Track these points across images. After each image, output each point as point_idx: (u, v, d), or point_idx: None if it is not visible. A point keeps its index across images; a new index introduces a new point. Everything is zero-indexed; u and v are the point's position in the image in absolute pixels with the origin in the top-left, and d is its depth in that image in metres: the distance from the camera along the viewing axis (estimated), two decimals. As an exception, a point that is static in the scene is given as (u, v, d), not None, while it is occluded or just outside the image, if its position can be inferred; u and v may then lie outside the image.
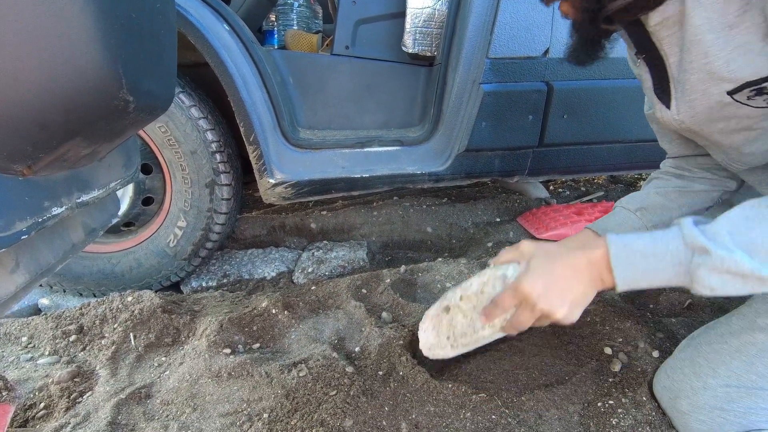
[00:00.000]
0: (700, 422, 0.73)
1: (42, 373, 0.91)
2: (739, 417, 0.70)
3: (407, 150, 1.52)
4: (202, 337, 0.98)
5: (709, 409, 0.72)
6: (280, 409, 0.79)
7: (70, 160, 0.61)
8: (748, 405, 0.69)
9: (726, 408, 0.70)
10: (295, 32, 1.80)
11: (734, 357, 0.72)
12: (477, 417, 0.79)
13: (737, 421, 0.70)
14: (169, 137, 1.24)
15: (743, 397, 0.69)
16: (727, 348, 0.73)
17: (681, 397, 0.76)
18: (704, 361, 0.75)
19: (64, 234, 0.71)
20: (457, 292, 0.79)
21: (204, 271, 1.50)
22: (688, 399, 0.74)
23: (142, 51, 0.57)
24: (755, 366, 0.70)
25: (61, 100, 0.48)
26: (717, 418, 0.71)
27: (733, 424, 0.70)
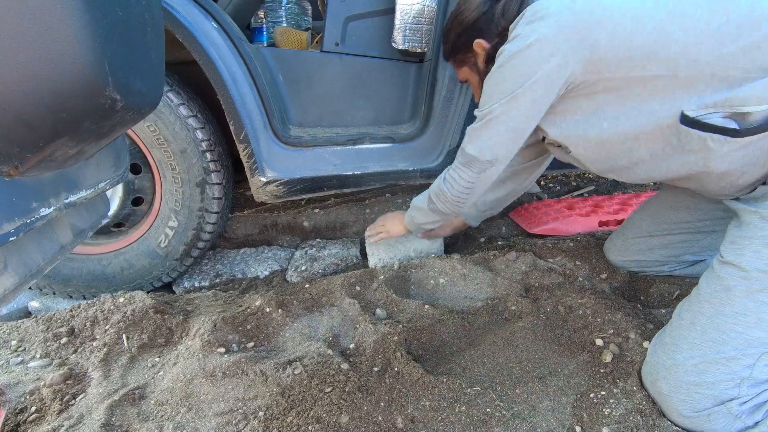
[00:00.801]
0: (681, 402, 0.75)
1: (33, 377, 0.90)
2: (711, 388, 0.73)
3: (399, 147, 1.52)
4: (195, 337, 0.97)
5: (685, 386, 0.75)
6: (275, 407, 0.79)
7: (57, 160, 0.60)
8: (715, 374, 0.73)
9: (698, 381, 0.74)
10: (284, 29, 1.79)
11: (690, 329, 0.78)
12: (472, 410, 0.79)
13: (710, 393, 0.73)
14: (158, 136, 1.22)
15: (709, 366, 0.74)
16: (684, 323, 0.80)
17: (659, 379, 0.79)
18: (669, 339, 0.81)
19: (52, 235, 0.70)
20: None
21: (196, 271, 1.49)
22: (665, 380, 0.78)
23: (129, 48, 0.56)
24: (708, 333, 0.75)
25: (46, 98, 0.47)
26: (694, 394, 0.74)
27: (708, 397, 0.74)
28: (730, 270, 0.77)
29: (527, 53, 0.85)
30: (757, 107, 0.71)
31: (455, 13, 1.08)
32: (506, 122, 0.93)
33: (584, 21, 0.81)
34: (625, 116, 0.84)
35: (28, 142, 0.50)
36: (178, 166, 1.26)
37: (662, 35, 0.77)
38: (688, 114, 0.77)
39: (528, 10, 0.90)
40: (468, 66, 1.14)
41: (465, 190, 1.07)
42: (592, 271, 1.27)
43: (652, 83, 0.80)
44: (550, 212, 1.69)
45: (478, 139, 0.99)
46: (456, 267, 1.26)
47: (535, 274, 1.23)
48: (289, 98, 1.47)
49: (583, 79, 0.85)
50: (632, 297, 1.20)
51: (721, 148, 0.77)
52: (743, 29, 0.72)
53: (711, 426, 0.74)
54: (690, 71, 0.76)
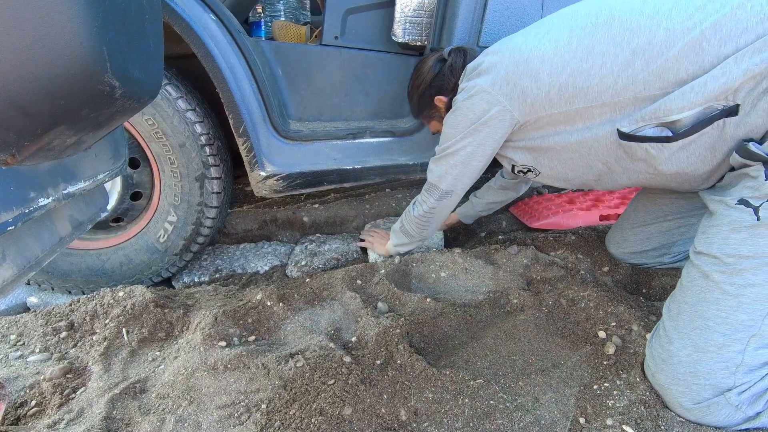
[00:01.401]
0: (681, 393, 0.76)
1: (33, 371, 0.89)
2: (707, 378, 0.74)
3: (399, 141, 1.51)
4: (196, 331, 0.97)
5: (682, 377, 0.76)
6: (278, 400, 0.78)
7: (55, 150, 0.59)
8: (709, 363, 0.74)
9: (694, 371, 0.75)
10: (282, 23, 1.78)
11: (677, 320, 0.79)
12: (475, 402, 0.79)
13: (707, 383, 0.74)
14: (157, 130, 1.21)
15: (702, 356, 0.74)
16: (672, 314, 0.81)
17: (658, 372, 0.80)
18: (663, 332, 0.82)
19: (51, 227, 0.69)
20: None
21: (196, 267, 1.48)
22: (662, 372, 0.79)
23: (127, 35, 0.55)
24: (695, 322, 0.76)
25: (44, 84, 0.46)
26: (692, 385, 0.75)
27: (706, 388, 0.74)
28: (704, 259, 0.78)
29: (471, 102, 1.01)
30: (680, 114, 0.77)
31: (413, 79, 1.26)
32: (459, 158, 1.09)
33: (512, 73, 0.95)
34: (574, 138, 0.95)
35: (26, 130, 0.49)
36: (177, 161, 1.25)
37: (581, 74, 0.87)
38: (623, 130, 0.86)
39: (469, 67, 1.07)
40: (435, 119, 1.30)
41: (426, 214, 1.23)
42: (594, 264, 1.26)
43: (585, 112, 0.90)
44: (551, 207, 1.69)
45: (437, 170, 1.15)
46: (457, 261, 1.26)
47: (536, 268, 1.23)
48: (289, 92, 1.45)
49: (525, 119, 0.99)
50: (634, 290, 1.20)
51: (662, 153, 0.85)
52: (649, 56, 0.80)
53: (713, 417, 0.74)
54: (614, 99, 0.85)
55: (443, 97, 1.19)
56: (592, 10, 0.89)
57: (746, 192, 0.74)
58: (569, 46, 0.88)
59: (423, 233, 1.28)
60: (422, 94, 1.24)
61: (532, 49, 0.94)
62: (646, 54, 0.80)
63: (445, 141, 1.11)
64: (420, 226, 1.26)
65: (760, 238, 0.70)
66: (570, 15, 0.93)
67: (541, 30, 0.96)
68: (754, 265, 0.71)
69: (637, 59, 0.81)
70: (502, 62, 0.98)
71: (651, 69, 0.80)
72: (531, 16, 1.34)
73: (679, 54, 0.77)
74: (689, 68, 0.76)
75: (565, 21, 0.93)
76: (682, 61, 0.77)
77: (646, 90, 0.81)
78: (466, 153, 1.08)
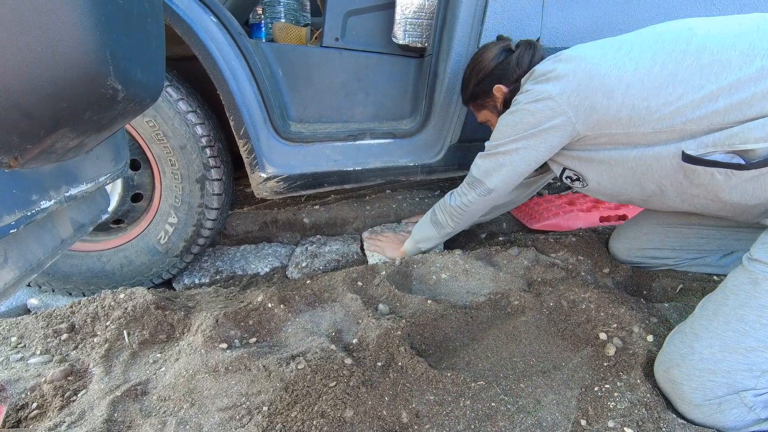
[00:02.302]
0: (693, 390, 0.75)
1: (34, 373, 0.89)
2: (725, 377, 0.73)
3: (399, 142, 1.51)
4: (197, 333, 0.97)
5: (698, 373, 0.75)
6: (279, 402, 0.78)
7: (57, 152, 0.59)
8: (731, 363, 0.73)
9: (713, 369, 0.74)
10: (282, 25, 1.78)
11: (712, 319, 0.78)
12: (476, 404, 0.79)
13: (724, 382, 0.73)
14: (158, 132, 1.21)
15: (727, 355, 0.74)
16: (707, 313, 0.80)
17: (672, 367, 0.79)
18: (689, 329, 0.81)
19: (53, 229, 0.69)
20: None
21: (196, 268, 1.48)
22: (678, 367, 0.78)
23: (130, 38, 0.55)
24: (731, 324, 0.75)
25: (46, 87, 0.46)
26: (707, 382, 0.74)
27: (721, 386, 0.74)
28: (758, 266, 0.77)
29: (535, 107, 1.00)
30: (757, 144, 0.76)
31: (473, 63, 1.23)
32: (509, 158, 1.08)
33: (584, 86, 0.93)
34: (633, 154, 0.93)
35: (29, 132, 0.49)
36: (178, 162, 1.25)
37: (658, 99, 0.85)
38: (689, 153, 0.84)
39: (537, 69, 1.04)
40: (488, 109, 1.27)
41: (463, 206, 1.23)
42: (594, 265, 1.26)
43: (651, 136, 0.88)
44: (551, 208, 1.69)
45: (484, 166, 1.15)
46: (458, 262, 1.26)
47: (537, 269, 1.23)
48: (289, 94, 1.46)
49: (586, 134, 0.97)
50: (635, 291, 1.20)
51: (729, 180, 0.82)
52: (734, 92, 0.78)
53: (722, 417, 0.73)
54: (686, 126, 0.83)
55: (504, 87, 1.17)
56: (681, 35, 0.86)
57: None
58: (651, 69, 0.86)
59: (455, 225, 1.28)
60: (481, 81, 1.21)
61: (611, 66, 0.91)
62: (732, 89, 0.78)
63: (499, 138, 1.10)
64: (454, 217, 1.26)
65: None
66: (656, 36, 0.90)
67: (623, 47, 0.93)
68: None
69: (722, 94, 0.79)
70: (575, 73, 0.94)
71: (733, 102, 0.78)
72: (531, 18, 1.35)
73: (766, 91, 0.76)
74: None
75: (649, 42, 0.90)
76: (760, 102, 0.76)
77: (724, 122, 0.79)
78: (518, 156, 1.07)
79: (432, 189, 2.02)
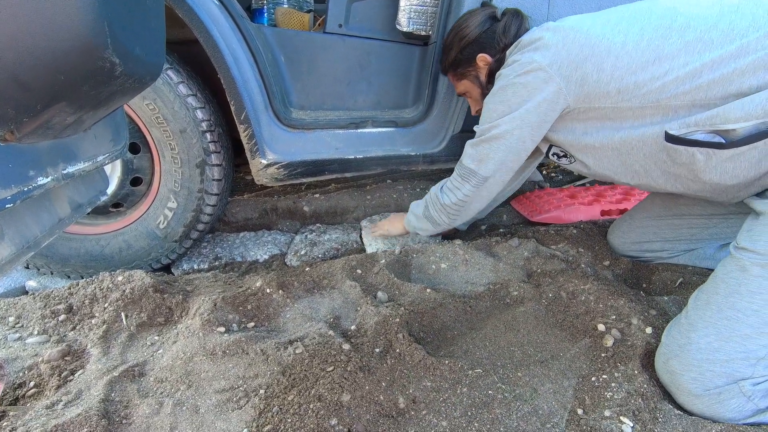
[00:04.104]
0: (692, 380, 0.75)
1: (31, 353, 0.89)
2: (723, 366, 0.74)
3: (401, 131, 1.50)
4: (195, 316, 0.96)
5: (697, 363, 0.76)
6: (276, 386, 0.78)
7: (55, 128, 0.58)
8: (729, 352, 0.74)
9: (711, 358, 0.75)
10: (285, 10, 1.75)
11: (705, 309, 0.79)
12: (474, 392, 0.79)
13: (723, 371, 0.74)
14: (157, 115, 1.20)
15: (723, 344, 0.75)
16: (700, 303, 0.81)
17: (671, 358, 0.80)
18: (685, 320, 0.82)
19: (50, 208, 0.69)
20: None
21: (195, 254, 1.48)
22: (677, 358, 0.79)
23: (129, 12, 0.54)
24: (724, 312, 0.76)
25: (44, 58, 0.46)
26: (706, 372, 0.75)
27: (720, 375, 0.74)
28: (745, 254, 0.78)
29: (526, 79, 0.96)
30: (737, 124, 0.77)
31: (456, 29, 1.17)
32: (505, 141, 1.02)
33: (575, 55, 0.91)
34: (618, 135, 0.93)
35: (25, 105, 0.49)
36: (178, 146, 1.24)
37: (645, 73, 0.86)
38: (672, 133, 0.85)
39: (524, 39, 1.01)
40: (469, 79, 1.21)
41: (459, 202, 1.14)
42: (594, 257, 1.26)
43: (638, 111, 0.89)
44: (552, 201, 1.68)
45: (476, 153, 1.07)
46: (458, 252, 1.26)
47: (537, 260, 1.23)
48: (291, 80, 1.44)
49: (576, 106, 0.95)
50: (634, 284, 1.20)
51: (709, 161, 0.84)
52: (717, 68, 0.80)
53: (720, 407, 0.73)
54: (671, 102, 0.84)
55: (488, 57, 1.12)
56: (667, 13, 0.88)
57: None
58: (639, 44, 0.87)
59: (452, 222, 1.21)
60: (464, 48, 1.16)
61: (601, 36, 0.90)
62: (714, 66, 0.80)
63: (490, 120, 1.03)
64: (450, 215, 1.18)
65: None
66: (642, 12, 0.91)
67: (610, 19, 0.93)
68: None
69: (705, 70, 0.81)
70: (565, 42, 0.93)
71: (715, 78, 0.80)
72: (538, 7, 1.33)
73: (746, 67, 0.77)
74: (753, 83, 0.77)
75: (636, 16, 0.91)
76: (748, 75, 0.77)
77: (707, 98, 0.81)
78: (513, 136, 1.01)
79: (433, 180, 2.01)
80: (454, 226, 1.24)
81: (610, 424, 0.72)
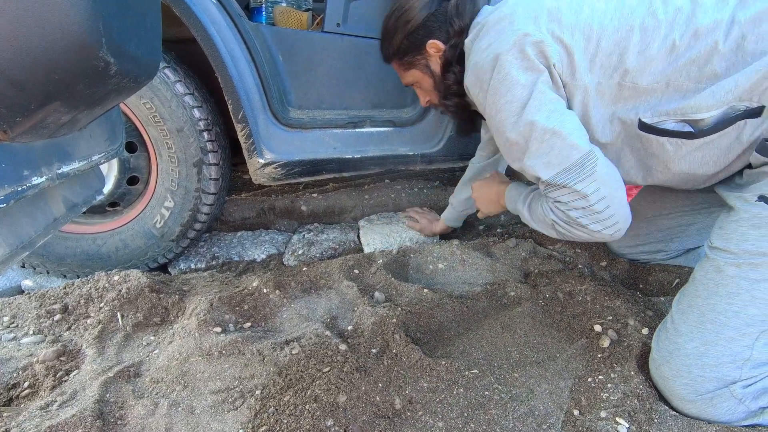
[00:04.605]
0: (684, 386, 0.76)
1: (26, 353, 0.89)
2: (713, 371, 0.74)
3: (399, 131, 1.50)
4: (191, 316, 0.96)
5: (687, 369, 0.76)
6: (272, 386, 0.78)
7: (49, 128, 0.58)
8: (716, 356, 0.74)
9: (700, 364, 0.75)
10: (284, 9, 1.75)
11: (688, 313, 0.79)
12: (470, 393, 0.79)
13: (713, 376, 0.74)
14: (154, 114, 1.20)
15: (710, 348, 0.74)
16: (682, 307, 0.81)
17: (662, 364, 0.80)
18: (671, 325, 0.82)
19: (45, 207, 0.68)
20: None
21: (192, 253, 1.47)
22: (667, 364, 0.79)
23: (124, 11, 0.54)
24: (706, 315, 0.76)
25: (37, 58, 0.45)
26: (696, 377, 0.75)
27: (710, 380, 0.74)
28: (719, 254, 0.77)
29: (514, 55, 0.81)
30: (707, 114, 0.75)
31: (397, 12, 1.01)
32: (541, 130, 0.81)
33: (558, 24, 0.82)
34: (594, 119, 0.86)
35: (19, 104, 0.48)
36: (175, 146, 1.24)
37: (625, 43, 0.80)
38: (645, 121, 0.81)
39: (489, 19, 0.89)
40: (418, 68, 1.07)
41: (584, 222, 0.85)
42: (591, 258, 1.26)
43: (616, 90, 0.82)
44: (550, 201, 1.68)
45: (535, 162, 0.83)
46: (455, 252, 1.26)
47: (534, 261, 1.23)
48: (289, 79, 1.43)
49: (566, 82, 0.85)
50: (631, 285, 1.20)
51: (679, 150, 0.82)
52: (692, 45, 0.76)
53: (714, 411, 0.74)
54: (647, 80, 0.79)
55: (439, 43, 0.98)
56: None
57: (767, 189, 0.74)
58: (621, 9, 0.80)
59: (607, 227, 0.86)
60: (411, 33, 1.00)
61: (582, 1, 0.82)
62: (691, 43, 0.76)
63: (509, 122, 0.84)
64: (597, 227, 0.85)
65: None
66: None
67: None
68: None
69: (682, 47, 0.76)
70: (541, 9, 0.83)
71: (690, 56, 0.75)
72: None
73: (714, 47, 0.74)
74: (722, 64, 0.74)
75: None
76: (716, 57, 0.74)
77: (681, 79, 0.77)
78: (545, 114, 0.80)
79: (431, 180, 2.01)
80: (617, 228, 0.87)
81: (606, 425, 0.72)
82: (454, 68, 1.00)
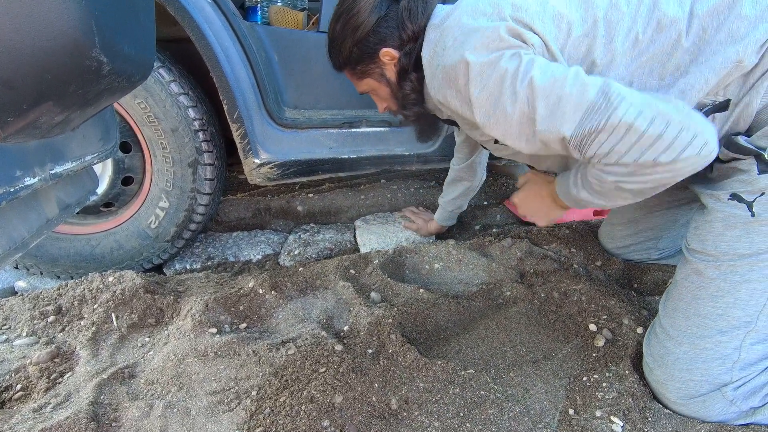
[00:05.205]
0: (677, 390, 0.76)
1: (19, 355, 0.88)
2: (704, 374, 0.74)
3: (395, 131, 1.50)
4: (186, 317, 0.96)
5: (678, 374, 0.76)
6: (268, 387, 0.78)
7: (42, 128, 0.57)
8: (705, 360, 0.74)
9: (690, 368, 0.75)
10: (279, 8, 1.74)
11: (674, 316, 0.79)
12: (466, 392, 0.79)
13: (704, 380, 0.74)
14: (149, 114, 1.19)
15: (698, 353, 0.75)
16: (668, 311, 0.81)
17: (654, 368, 0.80)
18: (659, 328, 0.82)
19: (38, 208, 0.68)
20: None
21: (187, 254, 1.47)
22: (659, 368, 0.79)
23: (117, 10, 0.53)
24: (691, 319, 0.76)
25: (30, 57, 0.45)
26: (688, 381, 0.75)
27: (702, 384, 0.74)
28: (697, 256, 0.77)
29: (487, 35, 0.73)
30: None
31: (345, 17, 0.90)
32: (541, 77, 0.70)
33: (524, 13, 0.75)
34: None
35: (11, 105, 0.48)
36: (169, 146, 1.23)
37: (591, 36, 0.75)
38: None
39: (448, 23, 0.80)
40: (372, 77, 0.97)
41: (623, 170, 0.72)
42: (587, 258, 1.27)
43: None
44: (546, 200, 1.68)
45: (552, 116, 0.70)
46: (451, 252, 1.26)
47: (530, 261, 1.23)
48: (285, 79, 1.43)
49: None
50: (626, 284, 1.21)
51: None
52: (654, 36, 0.72)
53: (707, 412, 0.74)
54: (613, 77, 0.73)
55: (393, 51, 0.89)
56: None
57: (738, 186, 0.73)
58: (585, 1, 0.76)
59: (685, 147, 0.66)
60: (360, 41, 0.90)
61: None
62: (654, 37, 0.72)
63: (510, 105, 0.73)
64: (671, 154, 0.65)
65: (755, 235, 0.70)
66: None
67: None
68: (750, 261, 0.70)
69: (645, 41, 0.73)
70: (505, 2, 0.76)
71: (654, 52, 0.72)
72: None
73: (678, 40, 0.71)
74: (686, 57, 0.71)
75: None
76: (679, 51, 0.71)
77: (644, 77, 0.74)
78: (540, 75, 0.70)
79: (427, 180, 2.01)
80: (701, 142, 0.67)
81: (601, 423, 0.73)
82: (410, 76, 0.91)
